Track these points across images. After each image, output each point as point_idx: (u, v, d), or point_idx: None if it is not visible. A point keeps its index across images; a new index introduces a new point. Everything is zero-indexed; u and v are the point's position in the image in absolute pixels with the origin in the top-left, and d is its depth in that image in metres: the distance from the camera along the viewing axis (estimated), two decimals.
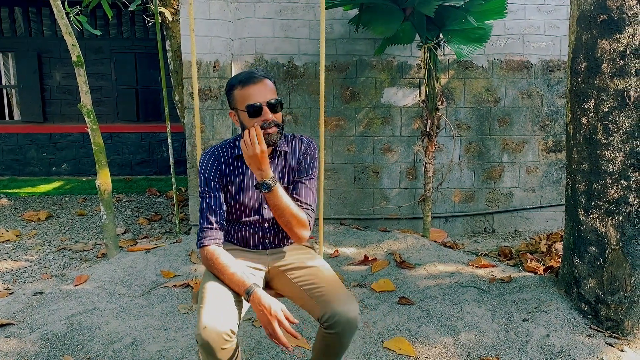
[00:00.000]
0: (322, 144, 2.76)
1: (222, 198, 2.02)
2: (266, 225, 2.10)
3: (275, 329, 1.76)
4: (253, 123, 1.91)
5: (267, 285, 2.15)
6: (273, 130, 1.93)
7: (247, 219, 2.09)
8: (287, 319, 1.78)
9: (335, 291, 1.88)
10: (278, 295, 2.10)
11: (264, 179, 1.89)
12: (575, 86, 2.77)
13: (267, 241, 2.15)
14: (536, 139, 4.97)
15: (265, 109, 1.91)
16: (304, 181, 2.08)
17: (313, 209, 2.09)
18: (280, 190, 1.93)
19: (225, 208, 2.03)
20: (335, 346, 1.88)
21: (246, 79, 1.94)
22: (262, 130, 1.90)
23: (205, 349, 1.70)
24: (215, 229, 1.97)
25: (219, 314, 1.75)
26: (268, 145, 1.93)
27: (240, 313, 1.87)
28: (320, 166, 2.66)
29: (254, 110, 1.90)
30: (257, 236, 2.13)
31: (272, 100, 1.93)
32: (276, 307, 1.78)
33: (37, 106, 8.12)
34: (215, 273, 1.93)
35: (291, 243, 2.21)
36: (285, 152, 2.09)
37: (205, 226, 1.97)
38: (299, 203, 2.04)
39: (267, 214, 2.06)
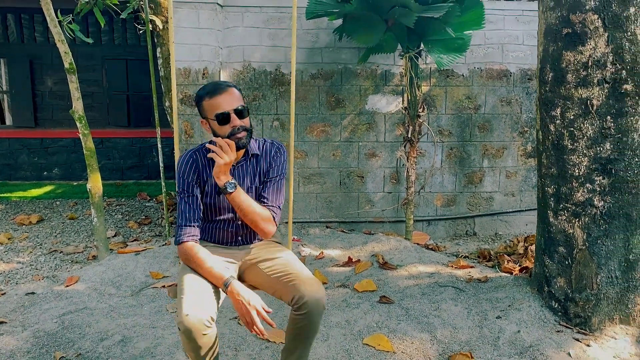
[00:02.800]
0: (292, 148, 2.90)
1: (199, 197, 2.15)
2: (239, 222, 2.23)
3: (254, 318, 1.90)
4: (223, 130, 2.06)
5: (240, 278, 2.29)
6: (242, 134, 2.08)
7: (222, 217, 2.22)
8: (262, 308, 1.93)
9: (303, 277, 2.04)
10: (251, 287, 2.20)
11: (228, 180, 2.05)
12: (543, 95, 2.92)
13: (239, 238, 2.29)
14: (515, 145, 5.13)
15: (233, 116, 2.05)
16: (272, 181, 2.23)
17: (279, 207, 2.23)
18: (242, 191, 2.09)
19: (202, 207, 2.17)
20: (306, 328, 2.02)
21: (213, 89, 2.07)
22: (232, 136, 2.06)
23: (187, 335, 1.81)
24: (193, 226, 2.10)
25: (199, 302, 1.88)
26: (238, 148, 2.10)
27: (217, 303, 2.02)
28: (289, 169, 2.84)
29: (223, 118, 2.04)
30: (231, 233, 2.26)
31: (239, 107, 2.07)
32: (254, 298, 1.94)
33: (28, 111, 8.19)
34: (194, 267, 2.06)
35: (261, 240, 2.35)
36: (257, 155, 2.23)
37: (184, 224, 2.09)
38: (265, 201, 2.20)
39: None
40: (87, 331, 2.93)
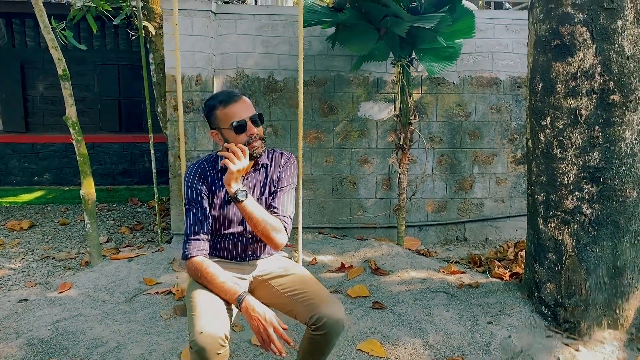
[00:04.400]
0: (301, 157, 2.93)
1: (208, 210, 2.07)
2: (249, 236, 2.16)
3: (271, 334, 1.82)
4: (239, 139, 2.00)
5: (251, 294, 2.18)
6: (259, 143, 2.04)
7: (231, 230, 2.15)
8: (279, 324, 1.86)
9: (319, 295, 1.98)
10: None
11: (240, 188, 1.97)
12: (533, 104, 2.98)
13: (249, 252, 2.21)
14: (505, 152, 5.20)
15: (250, 124, 2.01)
16: (282, 190, 2.17)
17: (289, 217, 2.16)
18: (253, 200, 2.02)
19: (210, 219, 2.08)
20: (323, 346, 1.98)
21: (227, 98, 2.03)
22: (248, 145, 2.00)
23: (200, 354, 1.73)
24: (202, 239, 2.03)
25: (213, 319, 1.81)
26: (253, 157, 2.05)
27: (230, 320, 1.94)
28: (299, 179, 2.78)
29: (240, 127, 1.99)
30: (240, 247, 2.18)
31: (254, 115, 2.04)
32: (270, 313, 1.86)
33: (19, 116, 8.15)
34: (204, 283, 1.98)
35: (271, 254, 2.29)
36: (267, 164, 2.18)
37: (192, 237, 2.02)
38: (276, 211, 2.13)
39: None
40: (81, 338, 2.94)
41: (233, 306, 1.97)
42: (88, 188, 4.18)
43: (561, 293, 2.92)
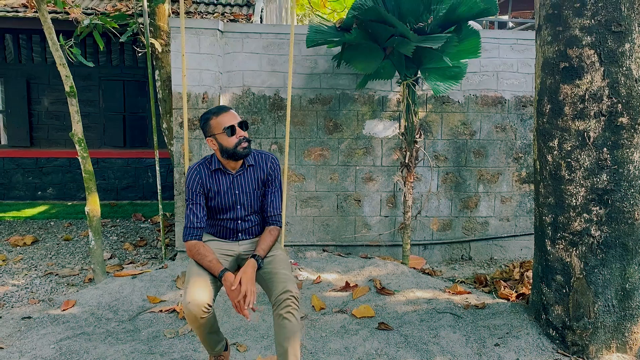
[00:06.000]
0: (287, 153, 2.94)
1: (203, 204, 2.60)
2: (239, 221, 2.65)
3: (241, 302, 2.36)
4: (231, 141, 2.47)
5: (238, 267, 2.69)
6: (245, 144, 2.52)
7: (224, 216, 2.64)
8: (249, 295, 2.38)
9: (283, 276, 2.47)
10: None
11: (257, 263, 2.48)
12: (541, 126, 2.99)
13: (239, 234, 2.69)
14: (510, 171, 5.20)
15: (238, 128, 2.51)
16: (273, 192, 2.68)
17: (280, 214, 2.71)
18: (261, 250, 2.54)
19: (205, 212, 2.61)
20: (287, 328, 2.34)
21: (218, 110, 2.54)
22: (239, 145, 2.48)
23: (190, 317, 2.32)
24: (197, 227, 2.56)
25: (199, 292, 2.35)
26: (243, 156, 2.54)
27: (216, 290, 2.46)
28: (282, 175, 3.25)
29: (231, 130, 2.47)
30: (231, 230, 2.67)
31: (241, 121, 2.54)
32: (243, 286, 2.38)
33: (24, 131, 8.17)
34: (197, 260, 2.51)
35: (256, 236, 2.72)
36: (252, 165, 2.65)
37: (189, 225, 2.56)
38: (271, 216, 2.66)
39: (240, 213, 2.64)
40: (85, 357, 2.91)
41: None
42: (93, 204, 4.17)
43: (569, 315, 2.89)
